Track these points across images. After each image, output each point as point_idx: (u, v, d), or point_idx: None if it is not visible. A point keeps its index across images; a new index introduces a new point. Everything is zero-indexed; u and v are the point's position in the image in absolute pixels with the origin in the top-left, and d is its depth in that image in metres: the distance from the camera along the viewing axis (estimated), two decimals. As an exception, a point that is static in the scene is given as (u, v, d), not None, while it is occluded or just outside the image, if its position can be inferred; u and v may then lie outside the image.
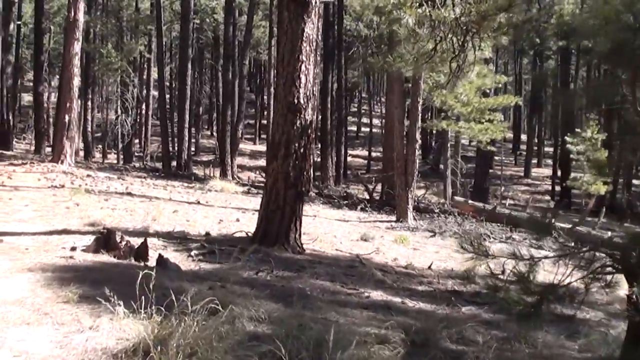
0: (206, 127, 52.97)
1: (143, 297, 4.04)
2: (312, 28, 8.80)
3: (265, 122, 46.68)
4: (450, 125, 21.17)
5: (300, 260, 8.09)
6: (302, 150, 8.72)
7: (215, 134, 48.32)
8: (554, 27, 37.08)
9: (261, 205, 9.01)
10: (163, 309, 4.06)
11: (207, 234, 9.27)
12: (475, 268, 9.47)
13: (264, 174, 35.20)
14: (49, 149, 30.23)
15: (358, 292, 6.78)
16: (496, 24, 9.35)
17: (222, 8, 32.90)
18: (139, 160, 36.53)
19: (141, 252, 6.92)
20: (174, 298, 4.02)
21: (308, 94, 8.78)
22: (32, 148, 32.10)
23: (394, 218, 16.47)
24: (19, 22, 37.95)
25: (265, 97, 51.26)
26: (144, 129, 38.55)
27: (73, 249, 6.82)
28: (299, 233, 8.84)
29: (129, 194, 13.59)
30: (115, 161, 32.00)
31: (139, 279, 4.11)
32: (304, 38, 8.66)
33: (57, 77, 43.25)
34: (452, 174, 26.01)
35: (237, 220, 11.44)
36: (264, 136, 48.43)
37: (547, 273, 4.75)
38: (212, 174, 27.01)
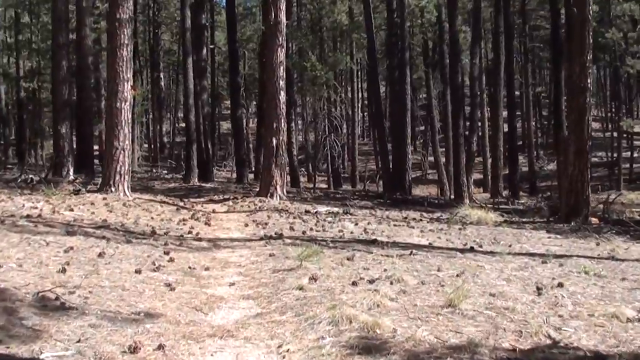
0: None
1: None
2: None
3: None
4: None
5: None
6: None
7: (417, 148, 43.64)
8: None
9: None
10: None
11: (598, 355, 4.28)
12: None
13: (485, 189, 30.19)
14: (251, 176, 27.44)
15: None
16: None
17: (434, 6, 27.95)
18: (345, 182, 32.81)
19: None
20: None
21: None
22: (233, 175, 29.45)
23: None
24: (212, 46, 36.13)
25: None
26: (347, 148, 34.93)
27: None
28: None
29: (374, 242, 9.02)
30: (324, 186, 28.27)
31: None
32: None
33: (254, 102, 41.44)
34: None
35: (560, 285, 6.35)
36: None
37: None
38: (439, 196, 22.11)
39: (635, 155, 37.79)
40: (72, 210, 10.83)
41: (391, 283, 6.11)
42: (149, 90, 41.89)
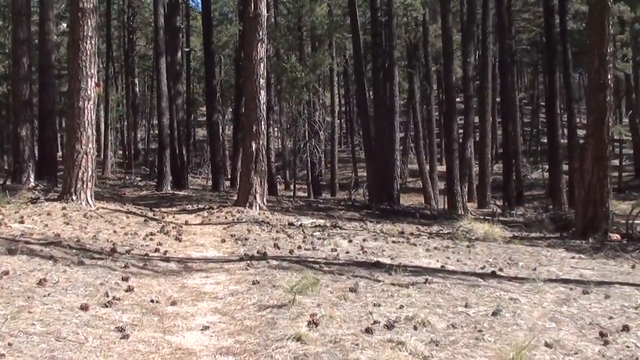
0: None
1: None
2: None
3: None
4: None
5: None
6: None
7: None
8: None
9: None
10: None
11: None
12: None
13: (470, 198, 29.05)
14: (227, 183, 26.06)
15: None
16: None
17: (421, 3, 26.65)
18: (324, 190, 31.58)
19: None
20: None
21: None
22: (209, 183, 28.02)
23: None
24: (187, 49, 34.73)
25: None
26: (325, 154, 33.75)
27: None
28: None
29: (376, 265, 7.62)
30: (303, 194, 26.97)
31: None
32: None
33: (230, 109, 40.07)
34: None
35: (626, 328, 5.09)
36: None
37: None
38: (429, 205, 20.83)
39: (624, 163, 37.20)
40: (22, 222, 9.34)
41: (415, 328, 4.73)
42: (124, 96, 40.47)
